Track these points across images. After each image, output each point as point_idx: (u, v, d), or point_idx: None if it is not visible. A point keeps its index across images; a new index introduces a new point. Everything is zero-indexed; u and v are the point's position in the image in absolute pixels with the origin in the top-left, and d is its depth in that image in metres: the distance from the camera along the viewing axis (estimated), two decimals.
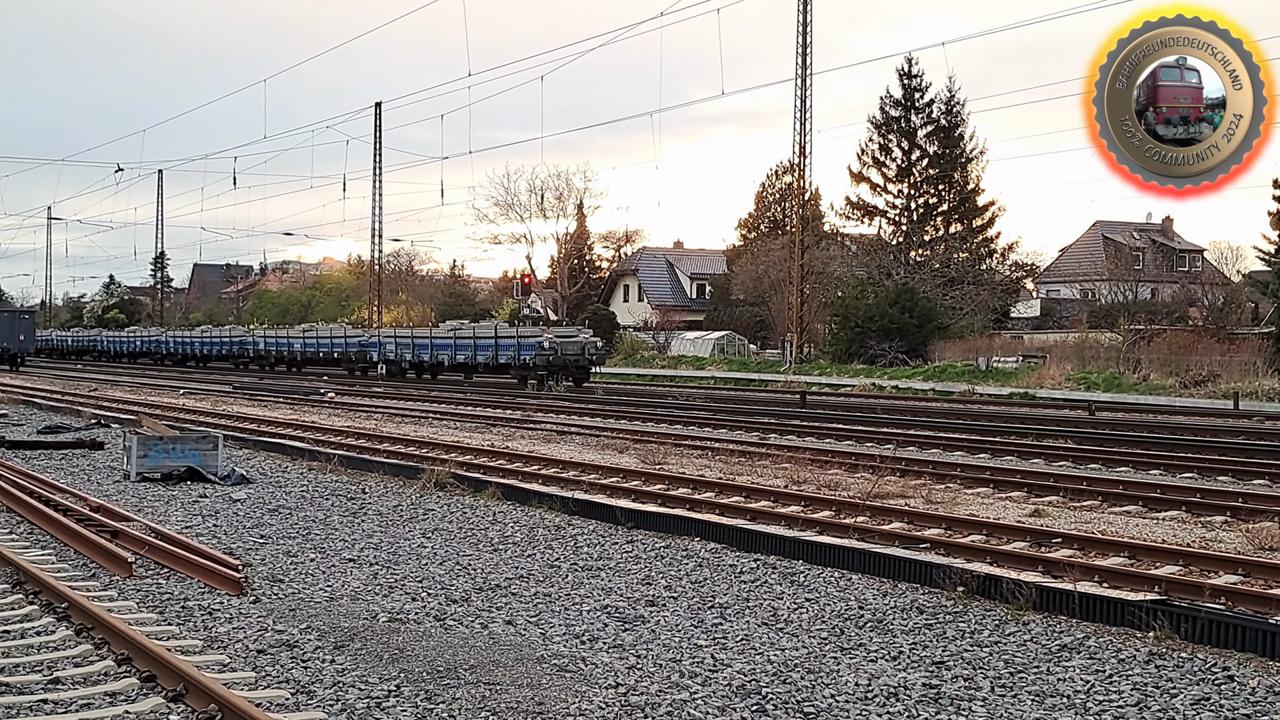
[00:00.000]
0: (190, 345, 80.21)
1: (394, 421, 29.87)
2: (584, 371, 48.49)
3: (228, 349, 74.20)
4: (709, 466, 19.68)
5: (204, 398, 40.26)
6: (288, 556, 12.33)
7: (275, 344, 68.89)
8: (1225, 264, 76.13)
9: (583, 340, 49.26)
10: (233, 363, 73.68)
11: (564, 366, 47.58)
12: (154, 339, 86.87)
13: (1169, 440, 24.34)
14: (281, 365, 68.64)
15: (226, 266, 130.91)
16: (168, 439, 18.72)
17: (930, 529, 13.29)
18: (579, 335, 50.22)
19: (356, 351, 60.91)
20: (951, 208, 63.17)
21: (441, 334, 55.22)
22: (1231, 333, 46.55)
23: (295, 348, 66.55)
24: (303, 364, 67.25)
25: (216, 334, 78.65)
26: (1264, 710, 7.52)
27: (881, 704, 7.62)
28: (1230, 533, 13.55)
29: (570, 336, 49.85)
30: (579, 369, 48.06)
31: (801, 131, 57.24)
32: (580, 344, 48.78)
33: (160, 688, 7.66)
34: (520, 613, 9.97)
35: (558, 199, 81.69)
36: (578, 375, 48.01)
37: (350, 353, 61.39)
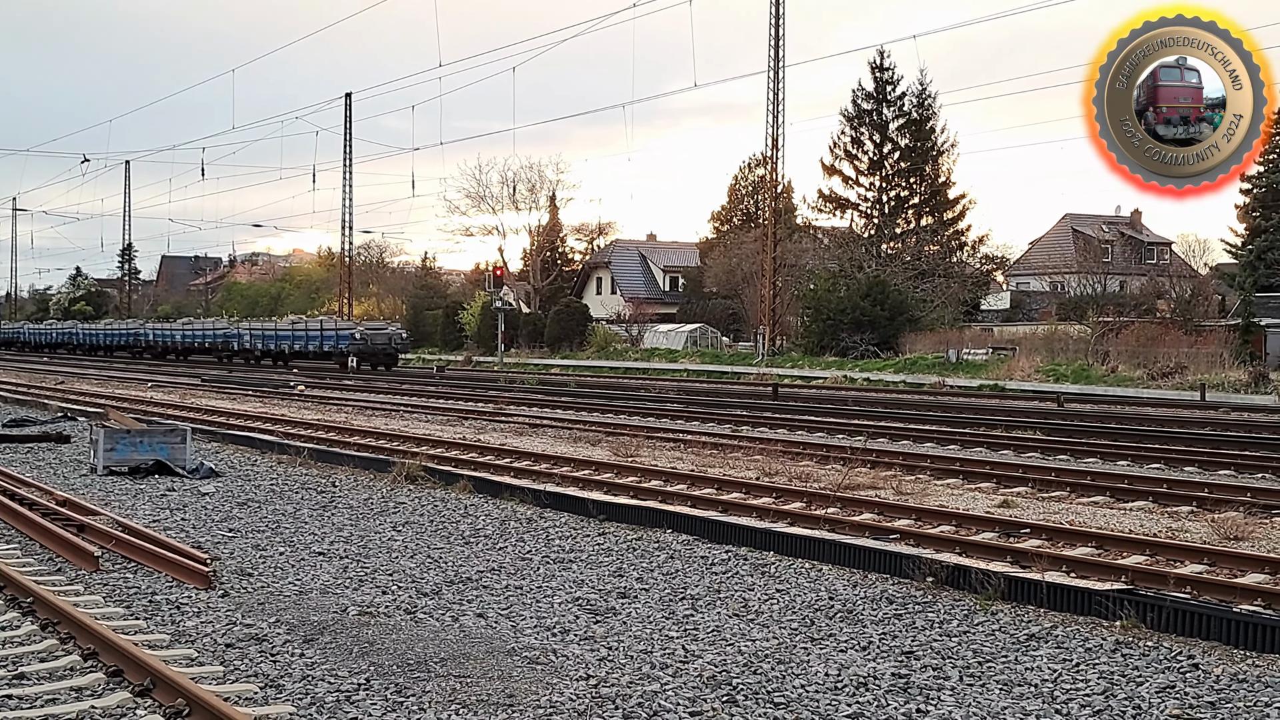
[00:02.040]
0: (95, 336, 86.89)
1: (365, 414, 29.78)
2: (390, 358, 56.71)
3: (124, 340, 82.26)
4: (681, 459, 19.71)
5: (172, 390, 40.03)
6: (257, 550, 12.28)
7: (162, 336, 78.11)
8: (1193, 257, 76.76)
9: (390, 332, 58.21)
10: (129, 352, 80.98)
11: (373, 354, 56.06)
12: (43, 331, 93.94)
13: (1136, 431, 24.51)
14: (171, 354, 76.41)
15: (195, 258, 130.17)
16: (135, 432, 18.61)
17: (900, 520, 13.35)
18: (388, 328, 59.36)
19: (223, 341, 68.89)
20: (922, 201, 63.41)
21: (284, 327, 64.33)
22: (1199, 325, 46.89)
23: (177, 339, 75.53)
24: (184, 353, 74.59)
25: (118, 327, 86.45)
26: (1228, 698, 7.58)
27: (851, 694, 7.65)
28: (1196, 522, 13.66)
29: (380, 329, 58.63)
30: (386, 356, 56.38)
31: (774, 124, 57.33)
32: (387, 335, 57.63)
33: (127, 682, 7.61)
34: (491, 605, 9.96)
35: (530, 191, 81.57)
36: (385, 361, 56.13)
37: (218, 343, 69.47)
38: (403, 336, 59.02)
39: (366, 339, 56.27)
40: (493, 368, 60.01)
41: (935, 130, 62.80)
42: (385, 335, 57.44)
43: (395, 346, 57.10)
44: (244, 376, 49.52)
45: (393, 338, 57.55)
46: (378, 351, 56.15)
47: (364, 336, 56.29)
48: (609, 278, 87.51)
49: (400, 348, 57.86)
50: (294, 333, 61.88)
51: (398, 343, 57.69)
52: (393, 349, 56.92)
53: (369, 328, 58.54)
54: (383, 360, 56.19)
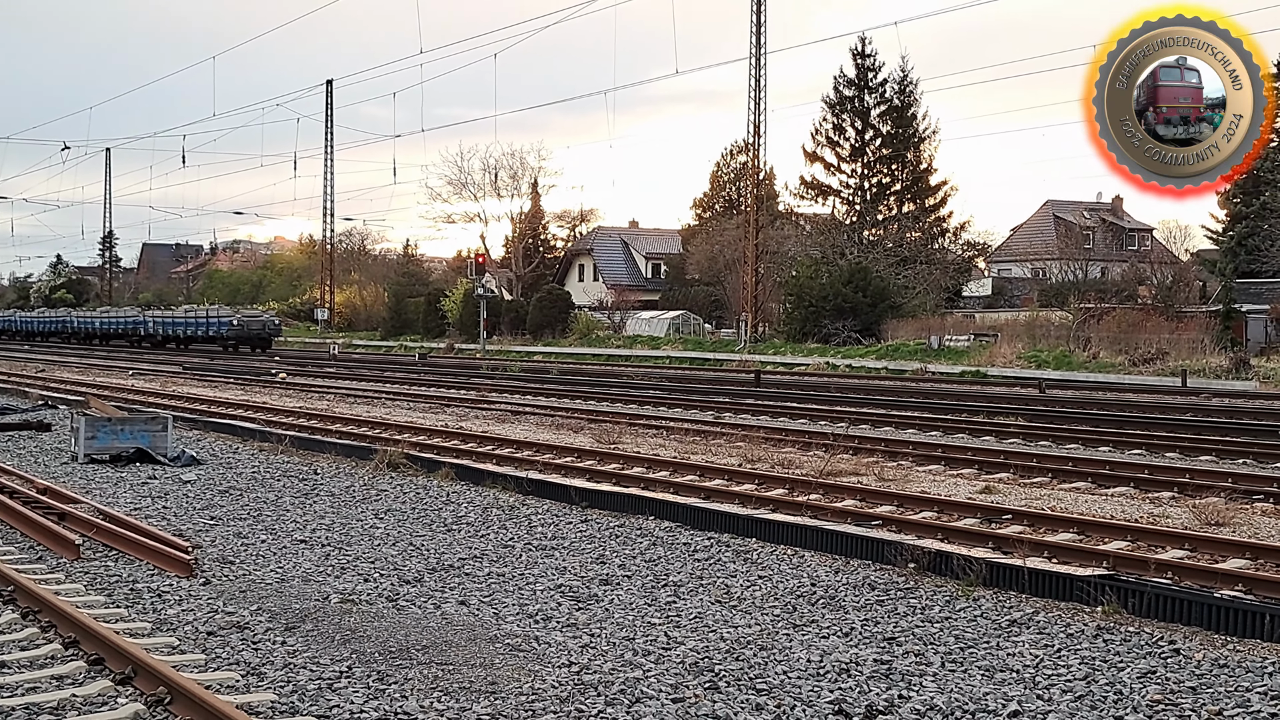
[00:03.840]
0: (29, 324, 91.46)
1: (346, 402, 29.72)
2: (265, 342, 65.44)
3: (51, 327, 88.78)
4: (664, 446, 19.70)
5: (153, 378, 39.89)
6: (238, 538, 12.25)
7: (87, 322, 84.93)
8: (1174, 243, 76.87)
9: (264, 319, 68.24)
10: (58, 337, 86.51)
11: (249, 338, 64.80)
12: None
13: (1118, 417, 24.59)
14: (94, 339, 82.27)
15: (176, 246, 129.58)
16: (116, 420, 18.53)
17: (882, 506, 13.37)
18: (262, 315, 69.81)
19: (133, 328, 77.00)
20: (904, 187, 63.43)
21: (180, 315, 72.99)
22: (1180, 311, 46.99)
23: (96, 325, 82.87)
24: (104, 338, 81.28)
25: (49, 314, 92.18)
26: (1209, 683, 7.61)
27: (833, 680, 7.66)
28: (1177, 508, 13.72)
29: (255, 316, 68.93)
30: (260, 340, 65.13)
31: (756, 111, 57.25)
32: (262, 321, 67.52)
33: (109, 670, 7.59)
34: (474, 593, 9.95)
35: (512, 178, 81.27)
36: (260, 344, 64.77)
37: (130, 329, 77.57)
38: (275, 323, 69.18)
39: (244, 325, 65.76)
40: (475, 355, 59.93)
41: (917, 117, 62.82)
42: (260, 322, 67.40)
43: (268, 331, 66.47)
44: (225, 364, 49.39)
45: (266, 324, 67.35)
46: (253, 335, 65.23)
47: (241, 323, 65.81)
48: (591, 265, 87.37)
49: (273, 332, 67.42)
50: (188, 320, 70.69)
51: (270, 328, 67.23)
52: (266, 333, 66.16)
53: (246, 315, 68.66)
54: (257, 343, 65.11)
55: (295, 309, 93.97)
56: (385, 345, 73.17)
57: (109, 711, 6.98)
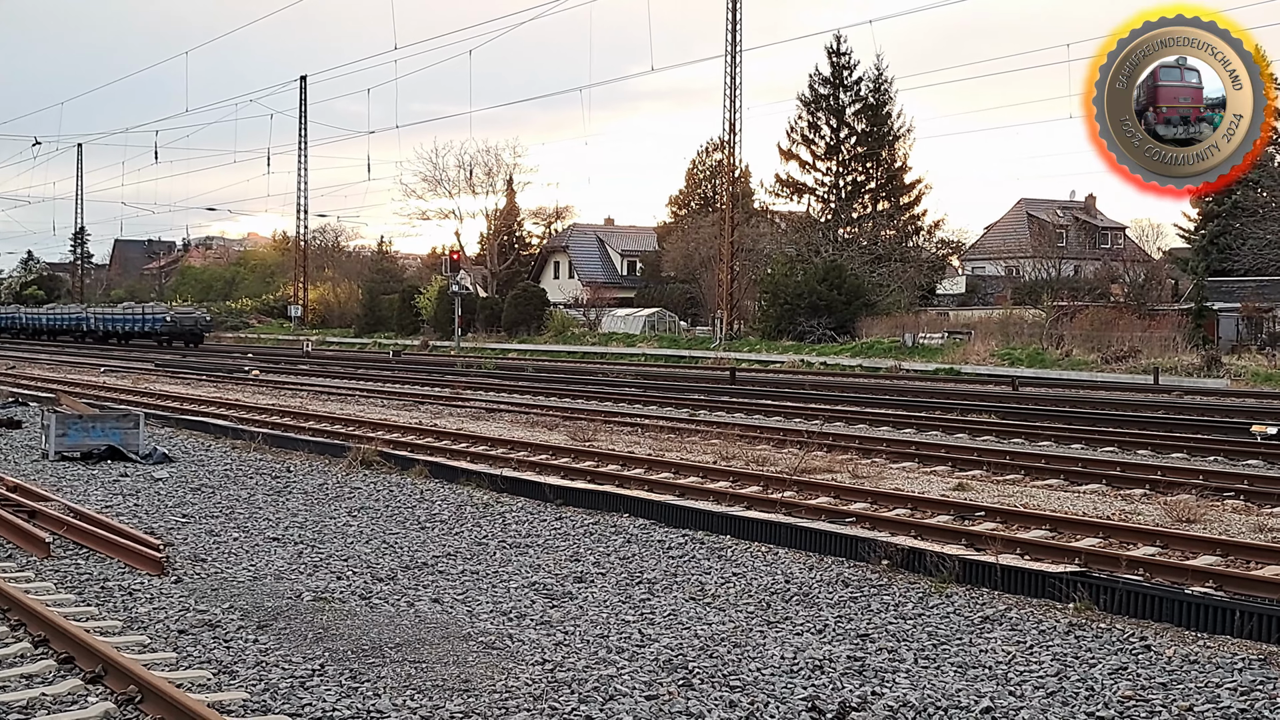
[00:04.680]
0: None
1: (320, 399, 29.61)
2: (196, 337, 70.15)
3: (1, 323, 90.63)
4: (639, 443, 19.70)
5: (125, 375, 39.66)
6: (211, 536, 12.19)
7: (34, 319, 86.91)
8: (1146, 241, 77.41)
9: (195, 316, 72.98)
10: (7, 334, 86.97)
11: (182, 333, 69.42)
12: None
13: (1090, 415, 24.71)
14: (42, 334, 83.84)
15: (149, 242, 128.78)
16: (88, 417, 18.41)
17: (856, 503, 13.40)
18: (194, 313, 74.21)
19: (77, 324, 79.75)
20: (879, 185, 63.55)
21: (118, 312, 76.94)
22: (1152, 309, 47.25)
23: (43, 322, 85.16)
24: (51, 333, 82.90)
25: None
26: (1179, 679, 7.65)
27: (807, 676, 7.67)
28: (1149, 505, 13.79)
29: (188, 313, 73.59)
30: (192, 335, 69.87)
31: (731, 108, 57.33)
32: (194, 318, 72.34)
33: (79, 669, 7.54)
34: (447, 590, 9.92)
35: (487, 175, 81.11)
36: (192, 339, 69.51)
37: (74, 325, 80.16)
38: (206, 319, 74.17)
39: (177, 321, 70.66)
40: (449, 352, 59.81)
41: (891, 115, 62.93)
42: (192, 318, 72.22)
43: (199, 328, 71.28)
44: (198, 361, 49.15)
45: (197, 320, 72.26)
46: (185, 331, 69.94)
47: (174, 319, 70.85)
48: (566, 262, 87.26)
49: (205, 328, 72.39)
50: (127, 317, 74.72)
51: (202, 324, 72.19)
52: (197, 329, 70.92)
53: (179, 312, 73.62)
54: (189, 338, 69.71)
55: (269, 306, 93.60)
56: (359, 343, 72.96)
57: (79, 710, 6.93)
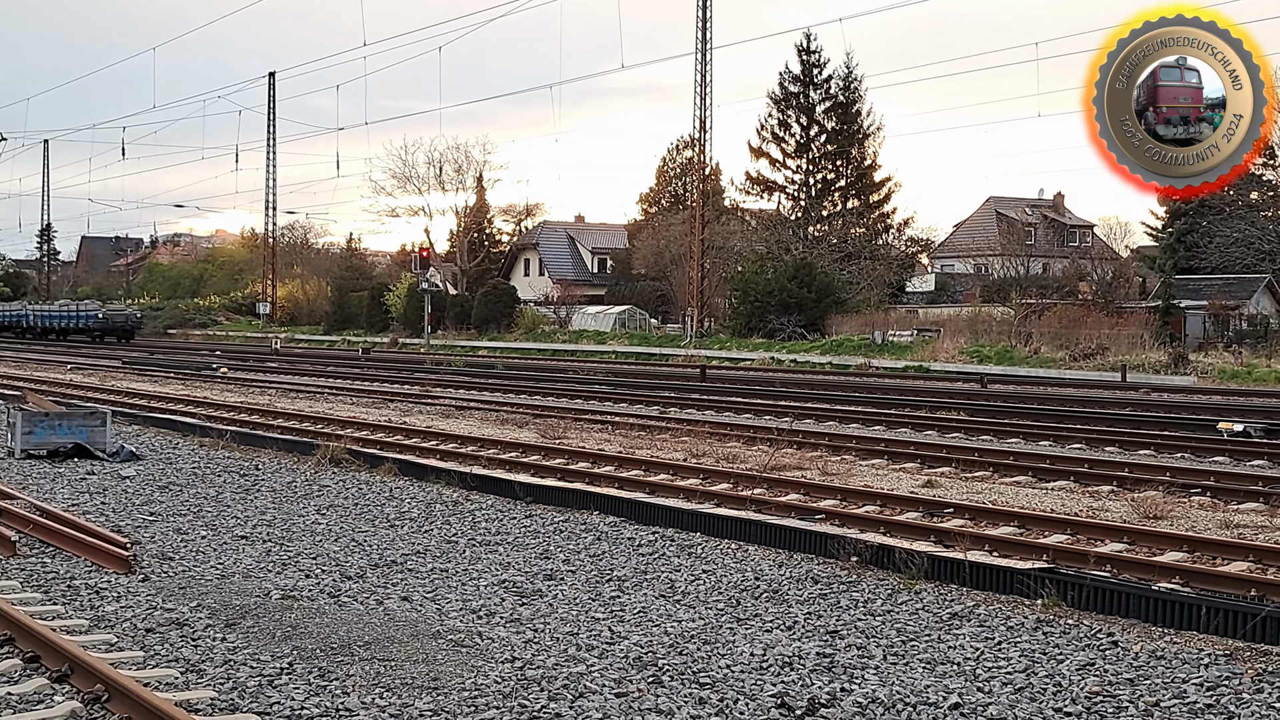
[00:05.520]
0: None
1: (288, 397, 29.48)
2: (128, 333, 74.71)
3: None
4: (609, 440, 19.70)
5: (92, 373, 39.38)
6: (178, 534, 12.11)
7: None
8: (1114, 239, 77.80)
9: (127, 313, 77.88)
10: None
11: (113, 329, 74.23)
12: None
13: (1058, 412, 24.84)
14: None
15: (116, 239, 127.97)
16: (54, 415, 18.27)
17: (826, 500, 13.43)
18: (125, 310, 79.65)
19: (15, 320, 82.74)
20: (849, 183, 63.68)
21: (54, 309, 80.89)
22: (1120, 307, 47.55)
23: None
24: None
25: None
26: (1146, 674, 7.70)
27: (776, 673, 7.69)
28: (1117, 502, 13.87)
29: (119, 310, 78.65)
30: (123, 331, 74.62)
31: (702, 106, 57.32)
32: (125, 315, 77.21)
33: (44, 668, 7.48)
34: (416, 588, 9.90)
35: (457, 171, 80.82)
36: (124, 334, 74.23)
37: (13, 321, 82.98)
38: (136, 317, 78.69)
39: (109, 318, 75.37)
40: (419, 350, 59.64)
41: (861, 113, 63.06)
42: (123, 315, 76.97)
43: (130, 324, 75.80)
44: (165, 359, 48.85)
45: (129, 318, 77.01)
46: (117, 327, 74.48)
47: (107, 316, 75.51)
48: (537, 259, 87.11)
49: (135, 325, 76.52)
50: (63, 314, 78.70)
51: (132, 321, 76.69)
52: (128, 326, 75.53)
53: (111, 310, 78.40)
54: (121, 333, 74.35)
55: (237, 303, 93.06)
56: (328, 340, 72.65)
57: (44, 709, 6.88)
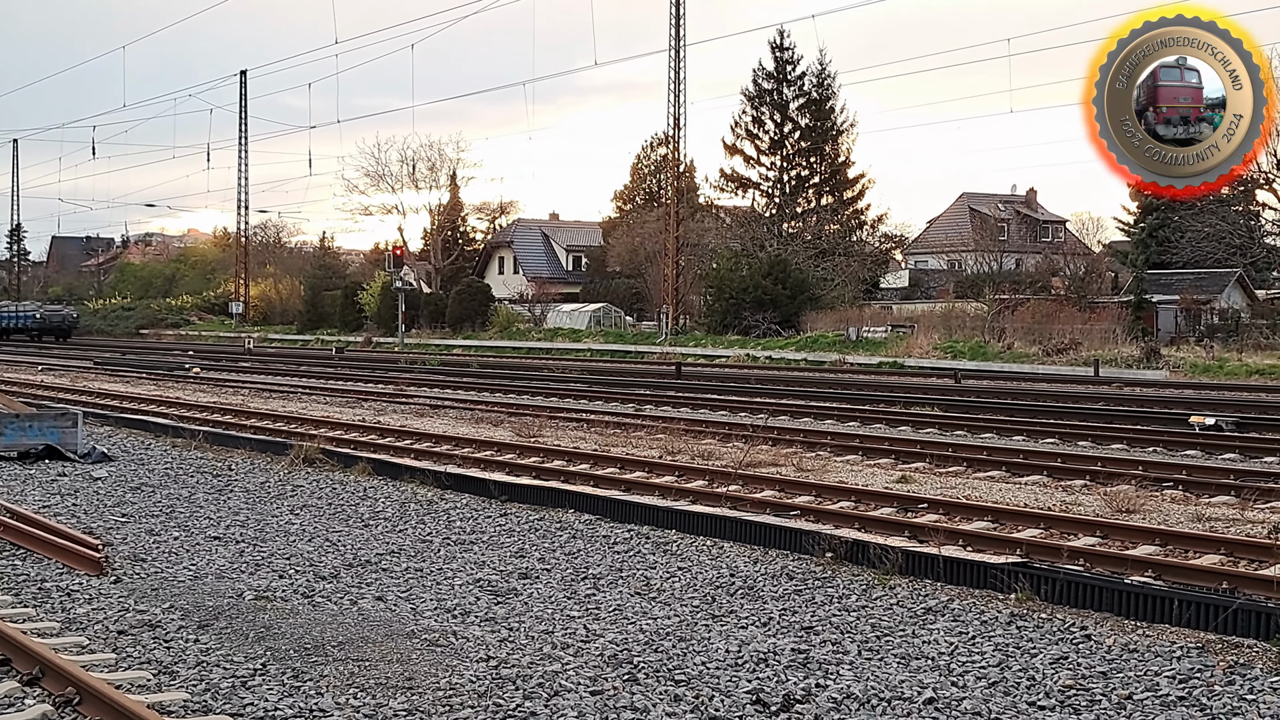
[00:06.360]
0: None
1: (262, 397, 29.35)
2: (64, 332, 78.36)
3: None
4: (584, 439, 19.68)
5: (63, 373, 39.14)
6: (150, 535, 12.05)
7: None
8: (1086, 234, 78.24)
9: (63, 314, 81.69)
10: None
11: (50, 329, 77.96)
12: None
13: (1032, 407, 24.95)
14: None
15: (87, 239, 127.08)
16: (24, 416, 18.13)
17: (801, 496, 13.45)
18: (61, 310, 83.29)
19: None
20: (823, 180, 63.81)
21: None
22: (1092, 302, 47.78)
23: None
24: None
25: None
26: (1119, 667, 7.74)
27: (751, 670, 7.69)
28: (1089, 496, 13.94)
29: (56, 311, 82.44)
30: (60, 330, 78.39)
31: (676, 103, 57.32)
32: (61, 315, 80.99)
33: (15, 671, 7.42)
34: (391, 588, 9.86)
35: (430, 169, 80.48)
36: (60, 333, 78.03)
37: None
38: (73, 316, 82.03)
39: (46, 318, 79.14)
40: (393, 349, 59.49)
41: (835, 110, 63.20)
42: (60, 315, 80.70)
43: (66, 324, 79.23)
44: (137, 359, 48.59)
45: (65, 318, 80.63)
46: (54, 326, 78.15)
47: (44, 316, 79.39)
48: (511, 257, 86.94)
49: (71, 325, 79.56)
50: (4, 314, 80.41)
51: (68, 321, 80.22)
52: (65, 325, 79.04)
53: (48, 310, 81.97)
54: (58, 333, 77.81)
55: (210, 303, 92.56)
56: (302, 339, 72.38)
57: (16, 713, 6.83)
